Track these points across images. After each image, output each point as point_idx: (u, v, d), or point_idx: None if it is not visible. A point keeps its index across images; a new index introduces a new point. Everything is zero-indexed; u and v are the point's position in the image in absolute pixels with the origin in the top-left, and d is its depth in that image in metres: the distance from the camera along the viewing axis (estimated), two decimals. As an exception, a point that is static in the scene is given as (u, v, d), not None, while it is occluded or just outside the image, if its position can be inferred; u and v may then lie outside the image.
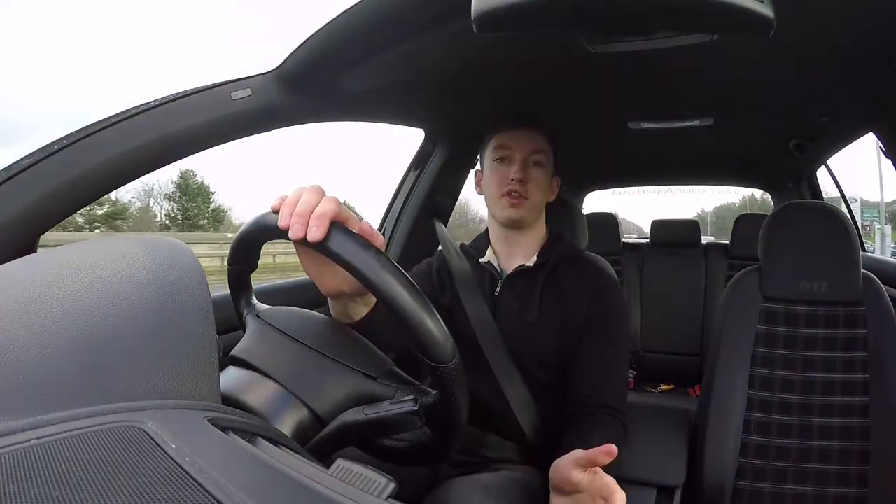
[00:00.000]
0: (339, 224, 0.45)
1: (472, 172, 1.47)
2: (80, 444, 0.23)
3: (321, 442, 0.47)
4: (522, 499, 0.77)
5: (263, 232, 0.49)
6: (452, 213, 1.52)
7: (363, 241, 0.44)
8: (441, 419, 0.48)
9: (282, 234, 0.46)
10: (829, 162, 1.76)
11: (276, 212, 0.47)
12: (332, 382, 0.49)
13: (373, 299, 0.60)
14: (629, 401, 0.90)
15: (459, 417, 0.48)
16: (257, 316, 0.53)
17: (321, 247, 0.44)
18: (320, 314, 0.56)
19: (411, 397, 0.48)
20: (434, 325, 0.44)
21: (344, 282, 0.54)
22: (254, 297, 0.57)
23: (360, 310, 0.60)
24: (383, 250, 0.45)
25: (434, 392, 0.48)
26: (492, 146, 0.95)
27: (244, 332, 0.53)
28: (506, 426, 0.88)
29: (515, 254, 0.95)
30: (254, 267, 0.56)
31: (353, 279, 0.44)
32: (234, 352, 0.50)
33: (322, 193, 0.46)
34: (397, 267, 0.43)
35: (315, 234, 0.43)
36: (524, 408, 0.87)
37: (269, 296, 1.05)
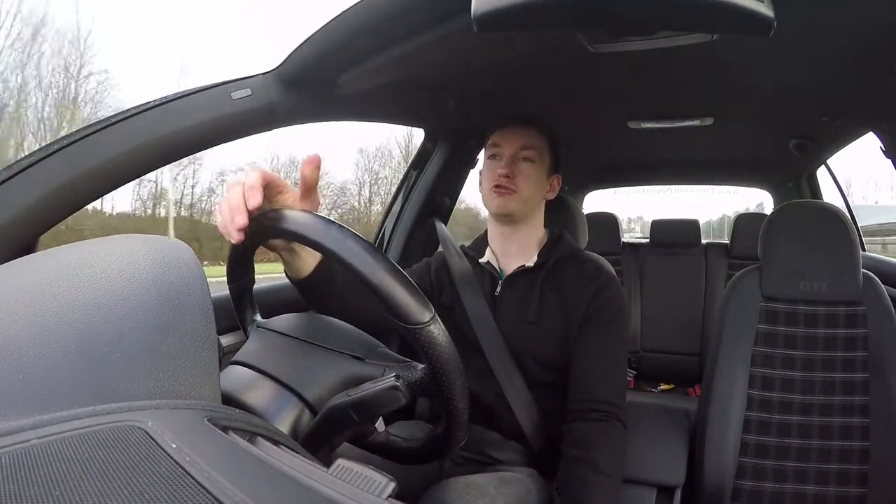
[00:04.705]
0: (277, 210, 0.49)
1: (473, 173, 1.49)
2: (80, 443, 0.23)
3: (312, 432, 0.47)
4: (518, 499, 0.77)
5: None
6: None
7: (302, 213, 0.47)
8: (433, 394, 0.47)
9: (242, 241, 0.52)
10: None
11: None
12: (321, 368, 0.49)
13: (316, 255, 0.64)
14: (629, 400, 0.90)
15: (453, 391, 0.46)
16: (257, 327, 0.55)
17: (263, 236, 0.52)
18: (309, 312, 0.57)
19: (393, 374, 0.47)
20: (397, 283, 0.43)
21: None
22: (258, 315, 0.58)
23: (308, 264, 0.64)
24: (317, 210, 0.49)
25: (421, 366, 0.47)
26: (487, 145, 0.96)
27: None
28: (506, 426, 0.88)
29: (513, 252, 0.95)
30: (252, 280, 0.59)
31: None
32: (233, 360, 0.50)
33: (234, 197, 0.50)
34: (348, 229, 0.45)
35: (236, 237, 0.51)
36: (524, 408, 0.87)
37: (264, 294, 1.05)
